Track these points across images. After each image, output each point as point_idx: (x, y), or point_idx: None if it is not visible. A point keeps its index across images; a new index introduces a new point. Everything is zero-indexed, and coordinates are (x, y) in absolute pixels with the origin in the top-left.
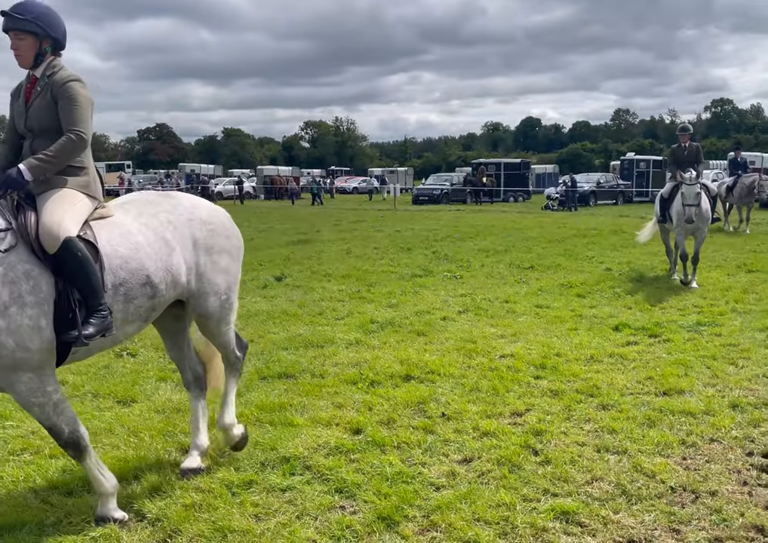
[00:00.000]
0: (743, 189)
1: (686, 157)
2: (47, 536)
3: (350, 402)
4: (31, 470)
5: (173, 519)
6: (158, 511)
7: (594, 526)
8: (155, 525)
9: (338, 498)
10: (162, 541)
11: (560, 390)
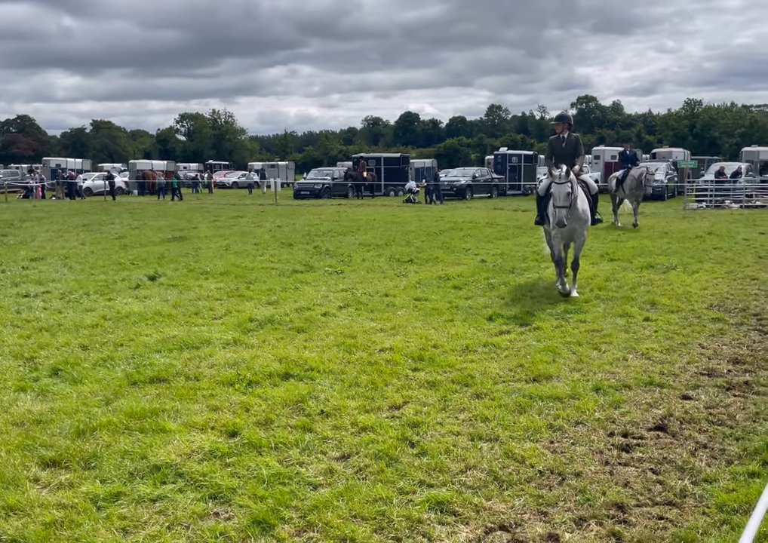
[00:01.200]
0: (632, 182)
1: (564, 150)
2: None
3: (226, 404)
4: None
5: (31, 540)
6: (15, 532)
7: (467, 514)
8: None
9: (212, 504)
10: None
11: (437, 381)
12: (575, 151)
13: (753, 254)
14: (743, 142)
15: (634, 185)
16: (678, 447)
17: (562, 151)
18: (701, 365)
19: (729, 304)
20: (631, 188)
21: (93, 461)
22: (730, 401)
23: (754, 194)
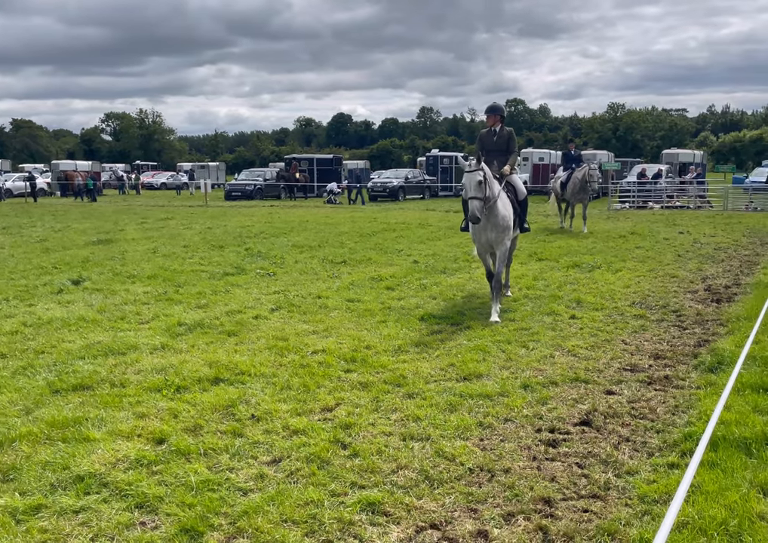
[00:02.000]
0: (576, 185)
1: (496, 144)
2: None
3: (153, 411)
4: None
5: None
6: None
7: (399, 514)
8: None
9: (138, 514)
10: None
11: (370, 382)
12: (507, 147)
13: (673, 253)
14: (663, 145)
15: (577, 189)
16: (602, 441)
17: (493, 146)
18: (624, 361)
19: (651, 301)
20: (573, 192)
21: (12, 473)
22: (651, 395)
23: (674, 194)
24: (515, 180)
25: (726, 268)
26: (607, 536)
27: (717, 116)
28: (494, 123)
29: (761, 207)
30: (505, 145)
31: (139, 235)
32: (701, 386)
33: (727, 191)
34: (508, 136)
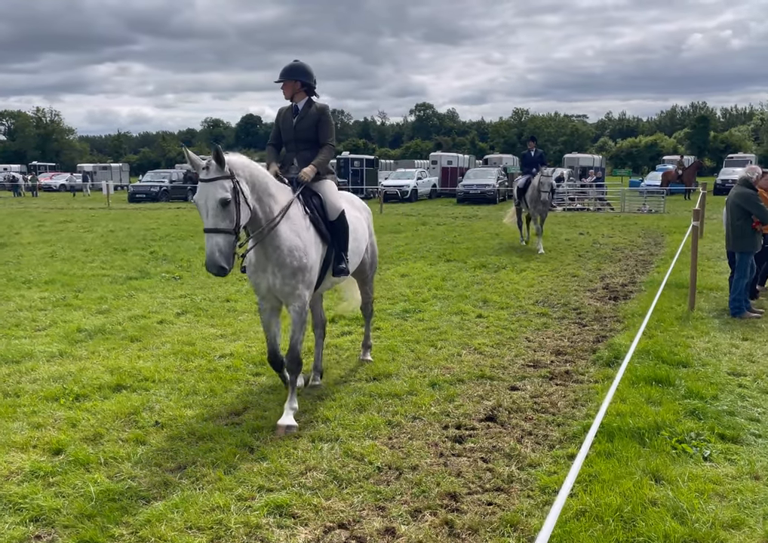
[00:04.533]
0: (534, 192)
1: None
2: None
3: (50, 420)
4: None
5: None
6: None
7: (307, 515)
8: None
9: (33, 527)
10: None
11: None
12: (316, 135)
13: (573, 253)
14: (565, 149)
15: (536, 196)
16: (507, 436)
17: (293, 133)
18: (528, 357)
19: (553, 299)
20: (533, 201)
21: None
22: (553, 390)
23: (575, 197)
24: (326, 190)
25: (623, 267)
26: (510, 527)
27: (615, 122)
28: (292, 94)
29: (655, 209)
30: (312, 132)
31: (35, 239)
32: (598, 380)
33: (624, 194)
34: (318, 116)
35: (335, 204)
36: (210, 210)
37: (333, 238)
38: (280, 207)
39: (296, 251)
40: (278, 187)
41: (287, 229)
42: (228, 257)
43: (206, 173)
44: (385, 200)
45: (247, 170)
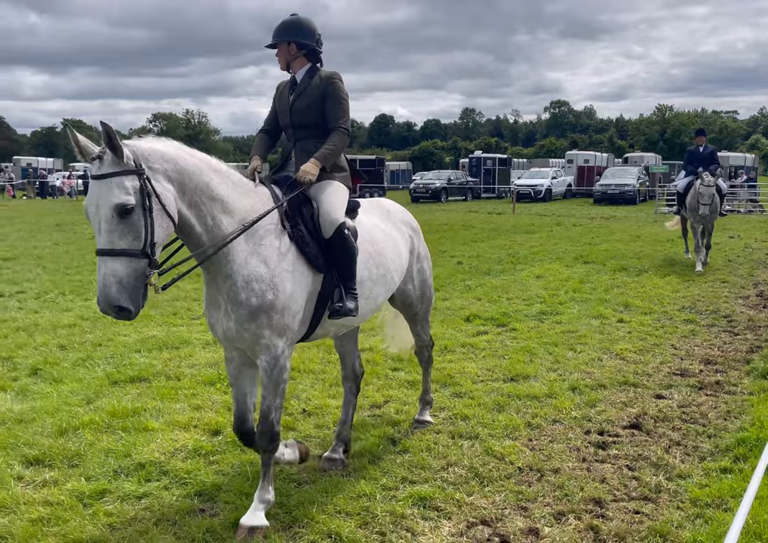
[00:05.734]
0: (694, 201)
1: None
2: None
3: (208, 403)
4: None
5: (19, 536)
6: (2, 528)
7: (450, 509)
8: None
9: (197, 501)
10: None
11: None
12: (322, 115)
13: (723, 258)
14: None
15: (696, 207)
16: (653, 445)
17: (290, 115)
18: (674, 365)
19: (701, 306)
20: (693, 210)
21: (77, 459)
22: (702, 400)
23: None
24: (323, 194)
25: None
26: (659, 537)
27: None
28: (288, 62)
29: None
30: (314, 112)
31: None
32: (754, 392)
33: None
34: (323, 89)
35: (330, 214)
36: (102, 223)
37: (330, 264)
38: (237, 219)
39: (257, 283)
40: (235, 188)
41: (246, 252)
42: (132, 293)
43: (98, 167)
44: (517, 199)
45: (169, 161)
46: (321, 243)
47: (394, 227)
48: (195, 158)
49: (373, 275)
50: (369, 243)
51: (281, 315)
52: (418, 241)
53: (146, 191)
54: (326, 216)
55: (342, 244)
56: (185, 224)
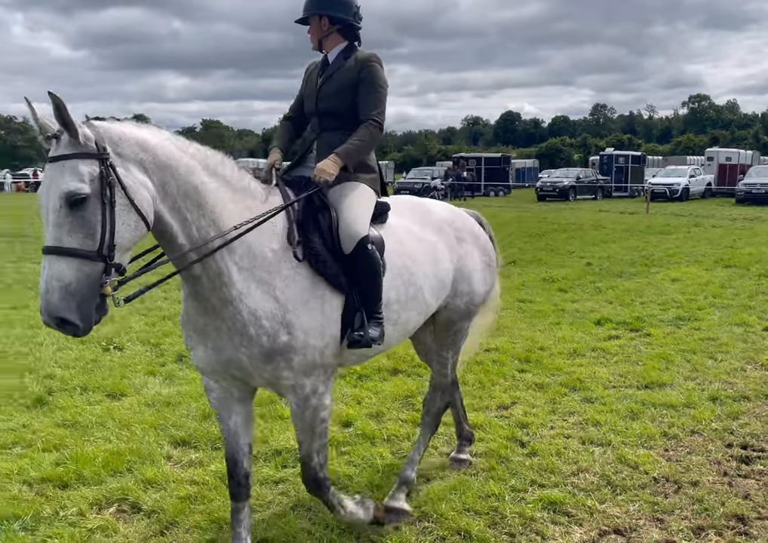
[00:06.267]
0: None
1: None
2: (43, 528)
3: (339, 396)
4: (24, 463)
5: (168, 511)
6: (154, 503)
7: (581, 515)
8: (150, 517)
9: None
10: (158, 532)
11: (545, 383)
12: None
13: None
14: None
15: None
16: None
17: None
18: None
19: None
20: None
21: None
22: None
23: None
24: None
25: None
26: None
27: None
28: (320, 38)
29: None
30: (344, 98)
31: None
32: None
33: None
34: (358, 72)
35: (351, 226)
36: (50, 214)
37: (351, 283)
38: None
39: (267, 320)
40: (237, 197)
41: (245, 277)
42: (81, 303)
43: (54, 148)
44: (651, 199)
45: (148, 151)
46: (340, 258)
47: (436, 233)
48: (184, 153)
49: (402, 296)
50: (397, 256)
51: (303, 356)
52: (471, 246)
53: (108, 180)
54: (346, 228)
55: (366, 261)
56: (165, 230)
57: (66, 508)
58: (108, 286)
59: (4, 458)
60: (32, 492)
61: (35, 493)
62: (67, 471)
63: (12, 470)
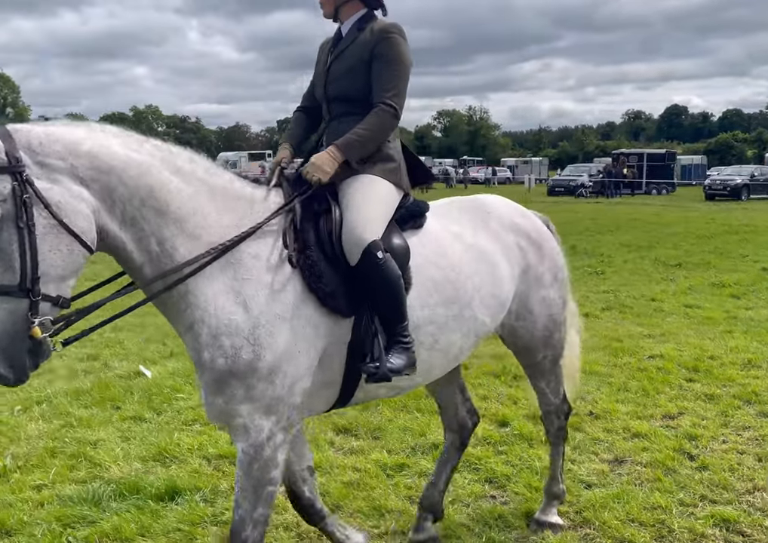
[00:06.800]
0: None
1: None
2: (221, 501)
3: (494, 394)
4: (203, 439)
5: (333, 495)
6: (321, 487)
7: (758, 536)
8: None
9: (488, 487)
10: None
11: (716, 394)
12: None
13: None
14: None
15: None
16: None
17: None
18: None
19: None
20: None
21: (378, 432)
22: None
23: None
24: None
25: None
26: None
27: None
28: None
29: None
30: (356, 77)
31: None
32: None
33: None
34: (374, 45)
35: (354, 229)
36: None
37: (358, 302)
38: (204, 244)
39: (228, 337)
40: (215, 198)
41: (217, 290)
42: (6, 348)
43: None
44: None
45: (84, 156)
46: (344, 271)
47: (493, 237)
48: (134, 151)
49: (440, 316)
50: (436, 268)
51: (268, 383)
52: (539, 257)
53: (23, 199)
54: (349, 233)
55: (376, 274)
56: (117, 247)
57: None
58: (35, 327)
59: (186, 434)
60: (210, 467)
61: (213, 468)
62: None
63: (193, 445)
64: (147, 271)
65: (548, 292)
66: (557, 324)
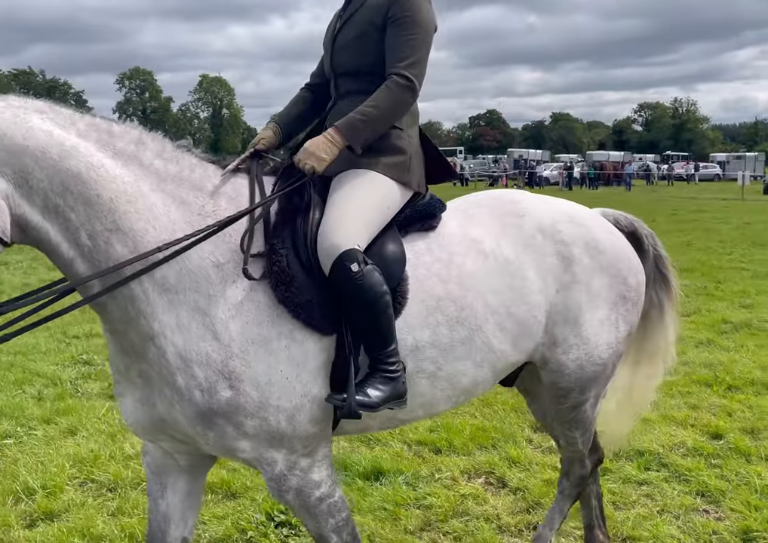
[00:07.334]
0: None
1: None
2: (422, 486)
3: (705, 404)
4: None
5: (533, 492)
6: (519, 482)
7: None
8: (516, 493)
9: (700, 500)
10: (524, 510)
11: None
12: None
13: None
14: None
15: None
16: None
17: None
18: None
19: None
20: None
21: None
22: None
23: None
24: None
25: None
26: None
27: None
28: None
29: None
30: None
31: (670, 227)
32: None
33: None
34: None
35: (328, 234)
36: None
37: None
38: (146, 242)
39: (200, 367)
40: (163, 185)
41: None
42: None
43: None
44: None
45: None
46: (321, 280)
47: (522, 246)
48: (59, 129)
49: (443, 339)
50: (440, 281)
51: (260, 419)
52: (592, 269)
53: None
54: (322, 236)
55: (348, 290)
56: (40, 239)
57: (441, 472)
58: None
59: None
60: (411, 453)
61: (413, 454)
62: (440, 438)
63: (394, 429)
64: (80, 267)
65: (597, 315)
66: (598, 364)
